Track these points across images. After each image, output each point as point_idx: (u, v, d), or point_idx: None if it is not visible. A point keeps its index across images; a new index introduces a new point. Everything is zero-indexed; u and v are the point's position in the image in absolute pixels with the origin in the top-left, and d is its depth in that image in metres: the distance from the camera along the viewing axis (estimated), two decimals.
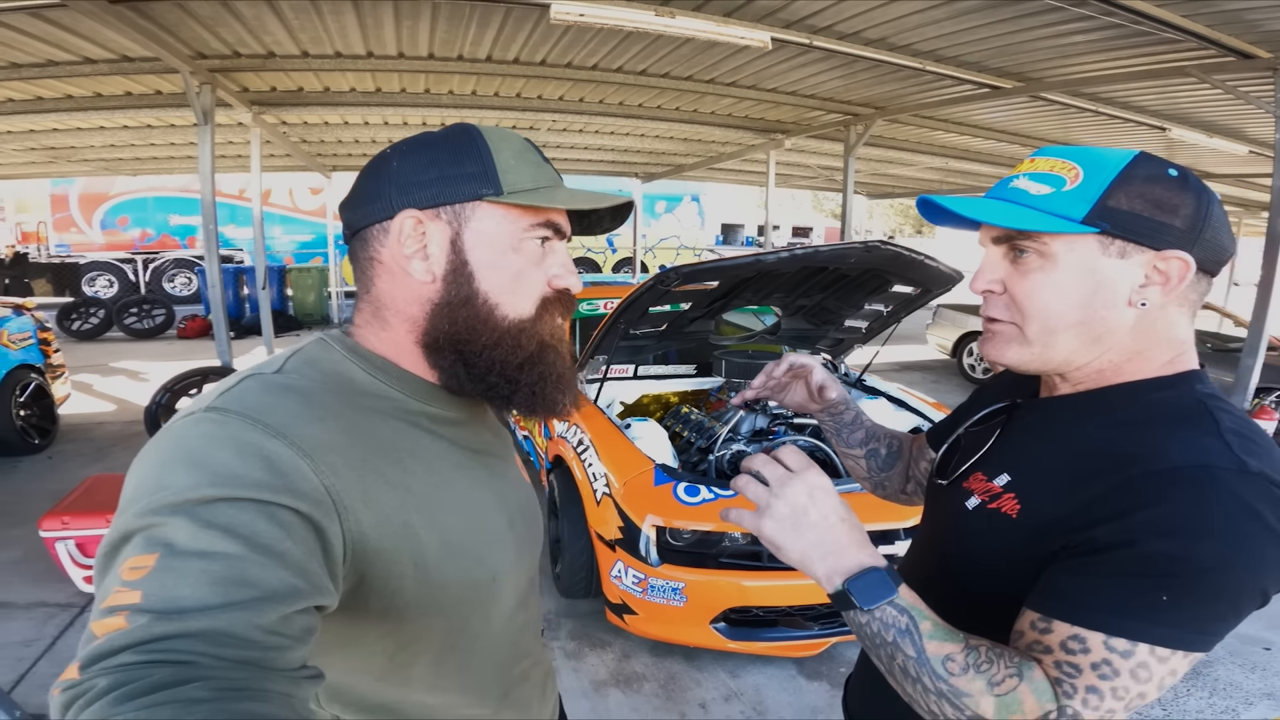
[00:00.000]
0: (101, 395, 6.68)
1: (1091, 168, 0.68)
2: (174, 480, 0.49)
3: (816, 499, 0.69)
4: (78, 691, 0.41)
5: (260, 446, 0.53)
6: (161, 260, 13.57)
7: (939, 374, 8.28)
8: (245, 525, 0.48)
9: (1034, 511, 0.70)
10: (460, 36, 4.64)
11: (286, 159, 9.12)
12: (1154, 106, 5.85)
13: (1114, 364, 0.71)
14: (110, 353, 9.06)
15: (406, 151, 0.68)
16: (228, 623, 0.45)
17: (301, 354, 0.67)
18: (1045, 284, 0.69)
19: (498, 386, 0.69)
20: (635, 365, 3.62)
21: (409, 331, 0.69)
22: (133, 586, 0.45)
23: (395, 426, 0.66)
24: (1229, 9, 3.47)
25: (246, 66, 5.04)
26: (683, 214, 18.11)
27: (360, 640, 0.63)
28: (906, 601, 0.66)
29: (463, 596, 0.67)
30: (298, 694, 0.47)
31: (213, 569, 0.46)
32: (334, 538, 0.54)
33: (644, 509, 2.45)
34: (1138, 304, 0.68)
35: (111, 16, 3.69)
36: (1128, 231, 0.66)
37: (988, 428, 0.83)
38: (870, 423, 1.13)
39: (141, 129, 6.98)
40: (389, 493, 0.61)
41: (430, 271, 0.67)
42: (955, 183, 12.22)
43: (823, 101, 6.28)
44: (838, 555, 0.68)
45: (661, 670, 2.62)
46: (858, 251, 2.68)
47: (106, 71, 4.97)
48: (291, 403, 0.59)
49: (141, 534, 0.48)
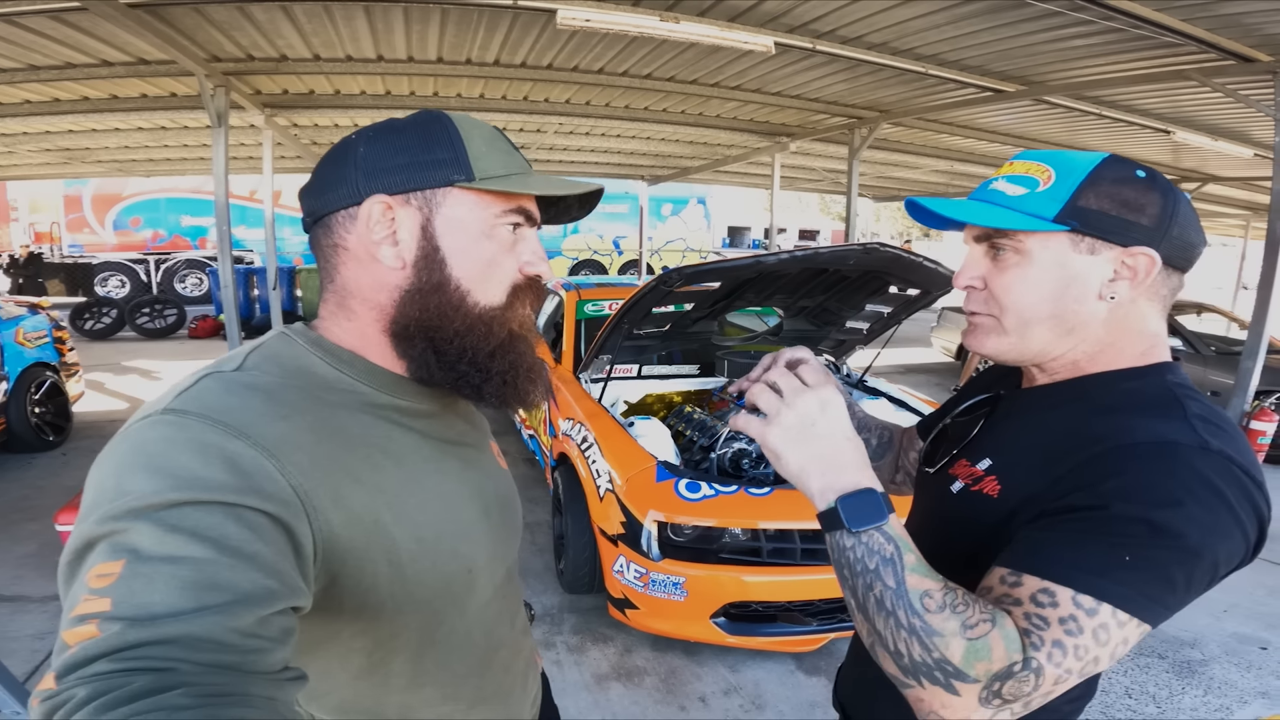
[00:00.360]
0: (114, 393, 6.77)
1: (1063, 170, 0.72)
2: (134, 485, 0.48)
3: (827, 412, 0.70)
4: (57, 702, 0.40)
5: (222, 448, 0.51)
6: (173, 261, 13.70)
7: (943, 376, 8.28)
8: (212, 528, 0.47)
9: (1012, 490, 0.74)
10: (468, 40, 4.71)
11: (298, 160, 9.20)
12: (1158, 110, 5.86)
13: (1088, 354, 0.76)
14: (123, 352, 9.16)
15: (373, 137, 0.66)
16: (202, 627, 0.44)
17: (262, 349, 0.65)
18: (1021, 279, 0.74)
19: (468, 375, 0.68)
20: (639, 365, 3.66)
21: (376, 320, 0.67)
22: (101, 594, 0.43)
23: (363, 421, 0.64)
24: (1228, 13, 3.50)
25: (260, 69, 5.11)
26: (689, 216, 18.08)
27: (335, 639, 0.62)
28: (894, 531, 0.65)
29: (438, 591, 0.66)
30: (281, 696, 0.46)
31: (182, 573, 0.45)
32: (304, 538, 0.53)
33: (646, 505, 2.48)
34: (1107, 297, 0.72)
35: (130, 20, 3.76)
36: (1096, 229, 0.70)
37: (973, 417, 0.88)
38: (862, 412, 1.16)
39: (156, 130, 7.07)
40: (358, 490, 0.60)
41: (400, 258, 0.65)
42: (961, 185, 12.21)
43: (827, 105, 6.32)
44: (837, 471, 0.68)
45: (662, 664, 2.65)
46: (857, 253, 2.72)
47: (123, 74, 5.04)
48: (254, 401, 0.57)
49: (105, 541, 0.46)
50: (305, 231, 0.71)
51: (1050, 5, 3.47)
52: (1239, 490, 0.63)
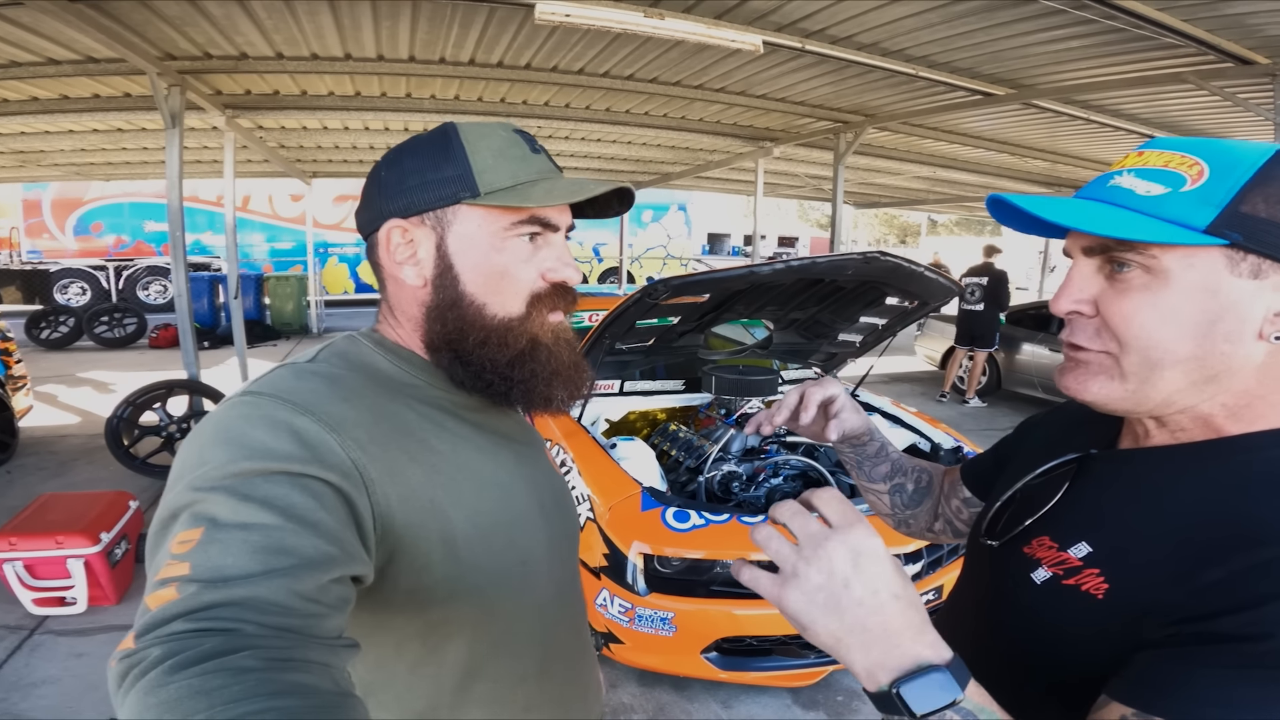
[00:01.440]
0: (66, 407, 6.45)
1: (1220, 163, 0.54)
2: (213, 456, 0.53)
3: (862, 567, 0.51)
4: (133, 661, 0.43)
5: (290, 422, 0.56)
6: (136, 268, 13.27)
7: (927, 385, 8.22)
8: (280, 497, 0.51)
9: (1127, 592, 0.57)
10: (442, 38, 4.50)
11: (265, 165, 8.91)
12: (1144, 114, 5.83)
13: (1227, 408, 0.58)
14: (79, 363, 8.81)
15: (393, 160, 0.70)
16: (269, 590, 0.47)
17: (331, 347, 0.70)
18: (1152, 306, 0.56)
19: (494, 384, 0.71)
20: (621, 380, 3.49)
21: (414, 330, 0.72)
22: (182, 559, 0.47)
23: (420, 410, 0.68)
24: (1231, 13, 3.42)
25: (218, 68, 4.87)
26: (670, 223, 18.05)
27: (391, 623, 0.64)
28: (975, 704, 0.50)
29: (493, 579, 0.68)
30: (336, 663, 0.49)
31: (253, 539, 0.48)
32: (364, 510, 0.57)
33: (630, 535, 2.31)
34: (1270, 337, 0.54)
35: (72, 15, 3.52)
36: (1264, 244, 0.53)
37: (1051, 481, 0.69)
38: (897, 454, 1.00)
39: (112, 132, 6.77)
40: (414, 469, 0.63)
41: (421, 276, 0.69)
42: (942, 192, 12.24)
43: (813, 108, 6.21)
44: (886, 646, 0.50)
45: (650, 701, 2.52)
46: (856, 263, 2.58)
47: (71, 73, 4.77)
48: (319, 385, 0.62)
49: (187, 510, 0.50)
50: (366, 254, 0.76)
51: (1053, 3, 3.36)
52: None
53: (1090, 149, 7.65)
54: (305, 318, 11.80)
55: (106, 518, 3.10)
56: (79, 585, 2.93)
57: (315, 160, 9.11)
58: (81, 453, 5.06)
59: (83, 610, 2.97)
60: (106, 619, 2.95)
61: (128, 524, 3.22)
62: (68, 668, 2.61)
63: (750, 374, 3.19)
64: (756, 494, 2.78)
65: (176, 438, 4.60)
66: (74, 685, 2.51)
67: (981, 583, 0.76)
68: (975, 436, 5.91)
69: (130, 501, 3.35)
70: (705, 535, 2.28)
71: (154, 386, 4.58)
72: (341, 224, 14.68)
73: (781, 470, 2.90)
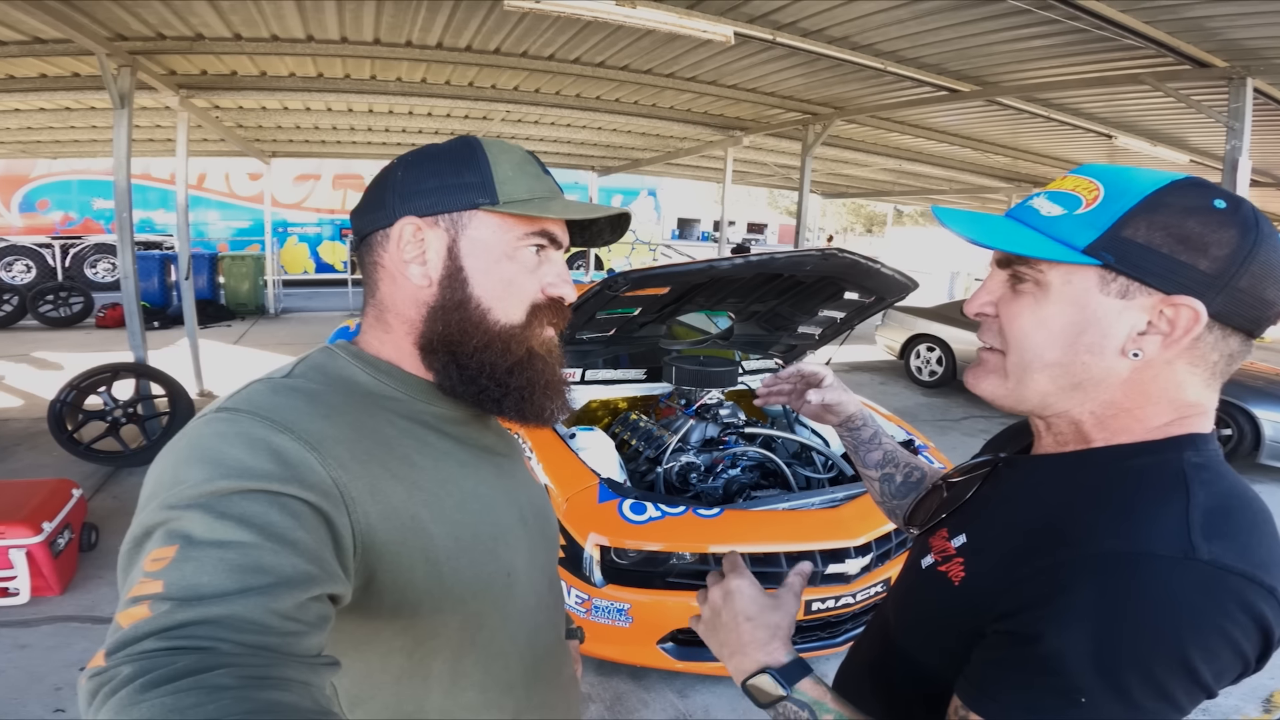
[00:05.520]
0: (8, 389, 6.23)
1: (1116, 189, 0.58)
2: (189, 475, 0.51)
3: (729, 600, 0.75)
4: (103, 679, 0.42)
5: (268, 440, 0.55)
6: (83, 246, 12.77)
7: (886, 375, 8.36)
8: (258, 515, 0.50)
9: (974, 580, 0.63)
10: (408, 21, 4.40)
11: (221, 144, 8.64)
12: (1102, 114, 5.96)
13: (1095, 417, 0.62)
14: (23, 342, 8.49)
15: (411, 163, 0.71)
16: (245, 608, 0.46)
17: (308, 361, 0.69)
18: (1031, 313, 0.62)
19: (488, 390, 0.71)
20: (583, 369, 3.49)
21: (407, 334, 0.71)
22: (155, 577, 0.46)
23: (401, 425, 0.68)
24: (1191, 16, 3.49)
25: (172, 49, 4.70)
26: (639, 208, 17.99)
27: (376, 638, 0.64)
28: (807, 696, 0.66)
29: (477, 591, 0.68)
30: (315, 681, 0.48)
31: (229, 557, 0.47)
32: (343, 529, 0.56)
33: (587, 527, 2.33)
34: (1130, 354, 0.58)
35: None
36: (1134, 268, 0.56)
37: (969, 479, 0.74)
38: (891, 445, 1.07)
39: (60, 111, 6.51)
40: (395, 486, 0.62)
41: (427, 276, 0.70)
42: (907, 184, 12.41)
43: (782, 100, 6.23)
44: (741, 655, 0.72)
45: (607, 690, 2.54)
46: (814, 259, 2.61)
47: (17, 53, 4.56)
48: (298, 401, 0.61)
49: (162, 528, 0.49)
50: (353, 251, 0.76)
51: (1019, 2, 3.41)
52: (1231, 604, 0.50)
53: (1050, 146, 7.81)
54: (262, 298, 11.50)
55: (48, 506, 3.01)
56: (21, 576, 2.85)
57: (275, 140, 8.85)
58: (23, 437, 4.89)
59: (26, 601, 2.89)
60: (50, 610, 2.87)
61: (70, 513, 3.12)
62: (11, 659, 2.54)
63: (711, 365, 3.22)
64: (714, 485, 2.81)
65: (122, 422, 4.47)
66: (18, 677, 2.45)
67: (903, 568, 0.83)
68: (929, 427, 6.04)
69: (73, 490, 3.25)
70: (661, 528, 2.30)
71: (99, 370, 4.43)
72: (302, 203, 14.30)
73: (740, 461, 2.93)
